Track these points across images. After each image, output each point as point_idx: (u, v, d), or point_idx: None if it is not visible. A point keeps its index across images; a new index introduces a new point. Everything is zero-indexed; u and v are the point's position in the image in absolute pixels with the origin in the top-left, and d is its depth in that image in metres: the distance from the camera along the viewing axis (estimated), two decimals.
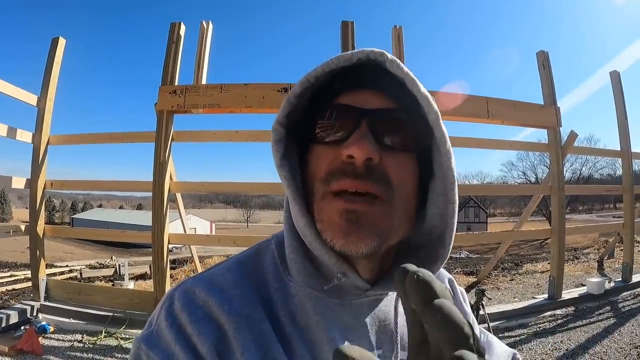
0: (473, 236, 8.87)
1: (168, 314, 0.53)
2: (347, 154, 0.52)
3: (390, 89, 0.58)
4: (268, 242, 0.66)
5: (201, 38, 5.96)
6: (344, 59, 0.55)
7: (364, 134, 0.53)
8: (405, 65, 0.55)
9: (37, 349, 4.48)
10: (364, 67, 0.57)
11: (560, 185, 6.38)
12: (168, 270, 5.59)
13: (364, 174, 0.52)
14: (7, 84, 5.43)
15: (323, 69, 0.56)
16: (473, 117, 5.93)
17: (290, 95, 0.57)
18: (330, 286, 0.57)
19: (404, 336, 0.63)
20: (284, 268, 0.60)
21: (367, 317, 0.60)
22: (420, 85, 0.54)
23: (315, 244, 0.55)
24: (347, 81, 0.58)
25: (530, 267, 10.95)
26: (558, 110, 6.41)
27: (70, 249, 37.81)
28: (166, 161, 5.48)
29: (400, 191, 0.55)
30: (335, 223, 0.52)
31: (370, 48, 0.55)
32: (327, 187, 0.54)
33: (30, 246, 6.09)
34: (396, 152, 0.56)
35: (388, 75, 0.56)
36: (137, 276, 12.81)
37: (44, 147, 6.03)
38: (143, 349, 0.51)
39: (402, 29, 5.89)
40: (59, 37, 6.20)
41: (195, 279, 0.58)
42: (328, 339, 0.55)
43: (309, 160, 0.59)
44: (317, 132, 0.58)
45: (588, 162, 43.85)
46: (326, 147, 0.57)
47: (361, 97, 0.57)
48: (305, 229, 0.55)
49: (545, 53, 6.61)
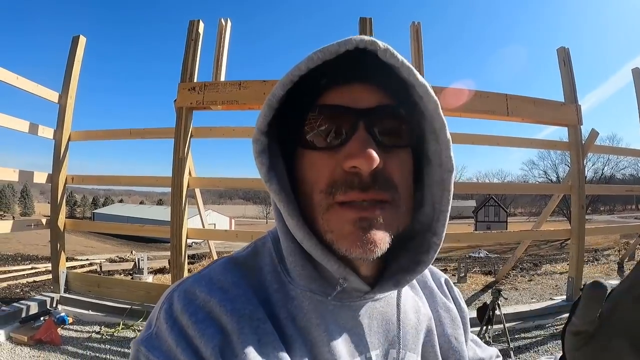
0: (492, 235, 8.79)
1: (168, 316, 0.51)
2: (350, 164, 0.50)
3: (383, 80, 0.55)
4: (264, 240, 0.64)
5: (220, 35, 5.98)
6: (331, 52, 0.50)
7: (364, 139, 0.51)
8: (424, 62, 0.53)
9: (56, 339, 4.59)
10: (354, 59, 0.52)
11: (580, 185, 6.24)
12: (186, 265, 5.65)
13: (370, 183, 0.50)
14: (30, 82, 5.55)
15: (307, 65, 0.51)
16: (492, 115, 5.81)
17: (271, 99, 0.52)
18: (334, 294, 0.55)
19: (406, 335, 0.63)
20: (282, 268, 0.59)
21: (366, 318, 0.60)
22: (417, 73, 0.52)
23: (316, 252, 0.53)
24: (335, 75, 0.55)
25: (549, 267, 10.78)
26: (579, 107, 6.26)
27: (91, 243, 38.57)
28: (185, 157, 5.52)
29: (403, 189, 0.54)
30: (350, 232, 0.50)
31: (359, 36, 0.50)
32: (332, 199, 0.51)
33: (51, 239, 6.21)
34: (396, 150, 0.55)
35: (380, 66, 0.53)
36: (155, 270, 12.96)
37: (65, 143, 6.15)
38: (143, 352, 0.50)
39: (420, 25, 5.77)
40: (80, 36, 6.28)
41: (193, 279, 0.56)
42: (328, 341, 0.54)
43: (298, 167, 0.57)
44: (307, 137, 0.54)
45: (610, 161, 42.80)
46: (320, 153, 0.54)
47: (353, 93, 0.54)
48: (305, 240, 0.53)
49: (566, 49, 6.46)
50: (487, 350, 0.82)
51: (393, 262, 0.60)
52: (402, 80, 0.53)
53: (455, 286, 0.81)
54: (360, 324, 0.59)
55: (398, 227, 0.54)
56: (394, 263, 0.60)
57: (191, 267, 11.04)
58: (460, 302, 0.77)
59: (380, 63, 0.52)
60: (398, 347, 0.60)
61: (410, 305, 0.66)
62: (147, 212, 62.53)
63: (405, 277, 0.58)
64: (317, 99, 0.56)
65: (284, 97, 0.53)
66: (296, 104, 0.55)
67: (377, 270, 0.60)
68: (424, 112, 0.55)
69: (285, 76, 0.52)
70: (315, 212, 0.53)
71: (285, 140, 0.58)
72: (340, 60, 0.51)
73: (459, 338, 0.70)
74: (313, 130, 0.54)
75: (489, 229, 48.71)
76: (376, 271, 0.59)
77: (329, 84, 0.55)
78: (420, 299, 0.70)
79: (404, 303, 0.64)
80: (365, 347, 0.58)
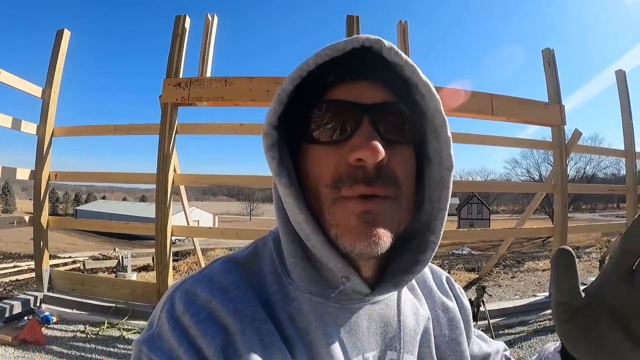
0: (475, 232, 8.87)
1: (170, 316, 0.51)
2: (356, 157, 0.50)
3: (387, 78, 0.56)
4: (265, 240, 0.64)
5: (206, 31, 5.95)
6: (338, 49, 0.51)
7: (370, 133, 0.51)
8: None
9: (40, 339, 4.50)
10: (359, 57, 0.53)
11: (563, 184, 6.34)
12: (171, 262, 5.59)
13: (375, 177, 0.51)
14: (12, 76, 5.42)
15: (316, 61, 0.52)
16: (477, 114, 5.88)
17: (281, 94, 0.53)
18: (335, 294, 0.55)
19: (405, 336, 0.63)
20: (282, 269, 0.59)
21: (364, 320, 0.60)
22: (420, 72, 0.53)
23: (323, 249, 0.52)
24: (341, 72, 0.56)
25: (532, 264, 10.94)
26: (563, 108, 6.37)
27: (74, 240, 38.01)
28: (170, 153, 5.47)
29: (405, 186, 0.54)
30: (354, 226, 0.50)
31: (365, 35, 0.51)
32: (337, 193, 0.51)
33: (34, 237, 6.10)
34: (400, 147, 0.55)
35: (385, 64, 0.54)
36: (139, 268, 12.78)
37: (48, 139, 6.03)
38: (145, 352, 0.50)
39: (407, 24, 5.82)
40: (64, 30, 6.16)
41: (194, 279, 0.56)
42: (327, 343, 0.54)
43: (304, 162, 0.57)
44: (313, 132, 0.55)
45: (592, 161, 43.61)
46: (326, 147, 0.54)
47: (359, 90, 0.55)
48: (312, 236, 0.53)
49: (551, 51, 6.56)
50: (493, 344, 0.82)
51: (393, 262, 0.60)
52: (404, 79, 0.54)
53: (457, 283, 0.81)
54: (359, 326, 0.59)
55: (399, 225, 0.54)
56: (395, 263, 0.60)
57: (175, 265, 10.95)
58: (462, 299, 0.77)
59: (384, 61, 0.53)
60: (399, 349, 0.60)
61: (409, 307, 0.67)
62: (130, 208, 62.00)
63: (405, 278, 0.58)
64: (324, 95, 0.56)
65: (293, 92, 0.54)
66: (303, 100, 0.56)
67: (378, 271, 0.60)
68: (425, 111, 0.56)
69: (294, 72, 0.52)
70: (321, 206, 0.53)
71: (292, 136, 0.59)
72: (346, 58, 0.52)
73: (457, 338, 0.70)
74: (319, 125, 0.55)
75: (472, 227, 49.30)
76: (377, 273, 0.59)
77: (335, 81, 0.56)
78: (419, 300, 0.70)
79: (403, 305, 0.64)
80: (362, 349, 0.59)
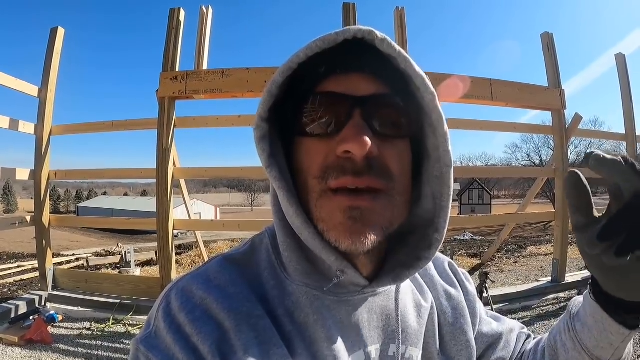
0: (477, 218, 8.88)
1: (166, 314, 0.52)
2: (343, 149, 0.49)
3: (380, 70, 0.55)
4: (262, 237, 0.64)
5: (201, 23, 5.90)
6: (329, 41, 0.50)
7: (359, 125, 0.50)
8: (408, 48, 0.52)
9: (47, 338, 4.53)
10: (351, 48, 0.52)
11: (564, 168, 6.33)
12: (174, 256, 5.62)
13: (365, 169, 0.50)
14: (8, 77, 5.39)
15: (306, 53, 0.50)
16: (477, 99, 5.84)
17: (271, 86, 0.52)
18: (330, 286, 0.55)
19: (407, 329, 0.63)
20: (279, 264, 0.58)
21: (364, 313, 0.60)
22: (414, 64, 0.51)
23: (314, 243, 0.52)
24: (332, 64, 0.54)
25: (534, 249, 10.99)
26: (563, 92, 6.34)
27: (76, 237, 38.05)
28: (169, 147, 5.46)
29: (400, 180, 0.53)
30: (340, 222, 0.50)
31: (357, 26, 0.50)
32: (325, 185, 0.51)
33: (36, 236, 6.10)
34: (393, 140, 0.54)
35: (377, 56, 0.53)
36: (143, 262, 12.83)
37: (46, 138, 6.02)
38: (142, 351, 0.50)
39: (404, 10, 5.70)
40: (58, 27, 6.11)
41: (190, 277, 0.56)
42: (326, 337, 0.54)
43: (296, 154, 0.56)
44: (304, 124, 0.54)
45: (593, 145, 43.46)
46: (316, 140, 0.53)
47: (350, 82, 0.54)
48: (302, 229, 0.52)
49: (550, 35, 6.51)
50: (506, 323, 0.82)
51: (392, 256, 0.60)
52: (400, 71, 0.53)
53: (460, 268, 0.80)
54: (359, 319, 0.59)
55: (392, 220, 0.53)
56: (393, 257, 0.60)
57: (179, 258, 10.98)
58: (467, 285, 0.77)
59: (379, 53, 0.52)
60: (398, 342, 0.60)
61: (410, 299, 0.66)
62: (131, 203, 61.95)
63: (405, 273, 0.57)
64: (315, 87, 0.55)
65: (284, 85, 0.53)
66: (295, 92, 0.55)
67: (377, 264, 0.59)
68: (422, 104, 0.55)
69: (285, 64, 0.51)
70: (310, 199, 0.53)
71: (285, 128, 0.58)
72: (339, 50, 0.51)
73: (462, 327, 0.69)
74: (310, 118, 0.54)
75: (474, 212, 49.35)
76: (375, 265, 0.59)
77: (327, 73, 0.55)
78: (422, 290, 0.69)
79: (404, 297, 0.64)
80: (364, 342, 0.58)
